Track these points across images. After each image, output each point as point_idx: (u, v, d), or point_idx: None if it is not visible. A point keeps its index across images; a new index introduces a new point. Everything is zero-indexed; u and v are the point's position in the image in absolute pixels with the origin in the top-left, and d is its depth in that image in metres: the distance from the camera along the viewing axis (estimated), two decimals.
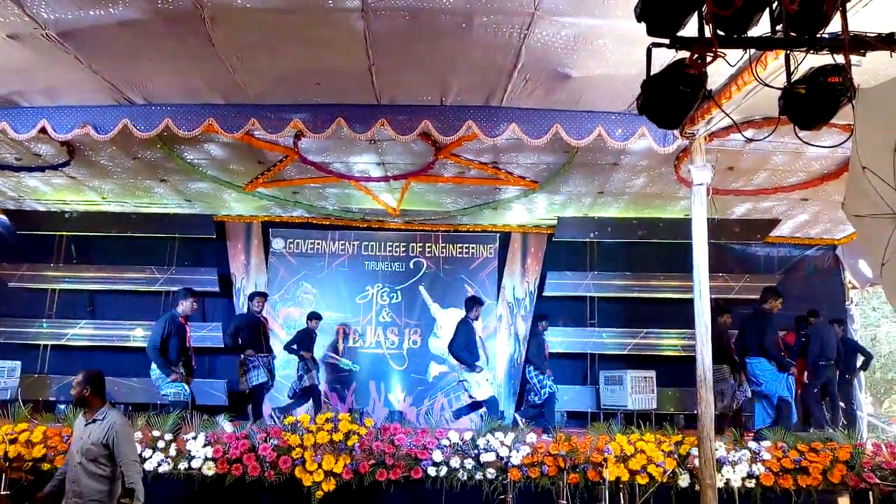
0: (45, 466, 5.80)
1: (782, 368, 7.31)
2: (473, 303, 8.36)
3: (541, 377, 8.61)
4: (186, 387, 7.01)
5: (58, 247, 10.47)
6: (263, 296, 8.77)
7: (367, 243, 10.53)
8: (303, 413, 7.19)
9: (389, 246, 10.55)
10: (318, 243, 10.50)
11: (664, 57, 3.06)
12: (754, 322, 7.68)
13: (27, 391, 9.05)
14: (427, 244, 10.53)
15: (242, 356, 8.01)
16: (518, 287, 10.46)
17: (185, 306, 7.34)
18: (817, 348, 8.61)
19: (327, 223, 10.53)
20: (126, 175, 8.45)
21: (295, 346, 8.86)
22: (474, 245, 10.53)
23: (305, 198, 9.54)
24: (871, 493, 5.90)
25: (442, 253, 10.50)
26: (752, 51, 3.20)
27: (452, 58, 5.33)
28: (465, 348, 7.99)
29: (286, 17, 4.75)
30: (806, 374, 8.67)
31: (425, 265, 10.45)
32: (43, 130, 6.22)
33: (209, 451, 5.89)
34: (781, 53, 3.45)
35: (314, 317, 9.25)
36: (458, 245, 10.55)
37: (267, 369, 8.09)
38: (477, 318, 8.42)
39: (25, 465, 5.77)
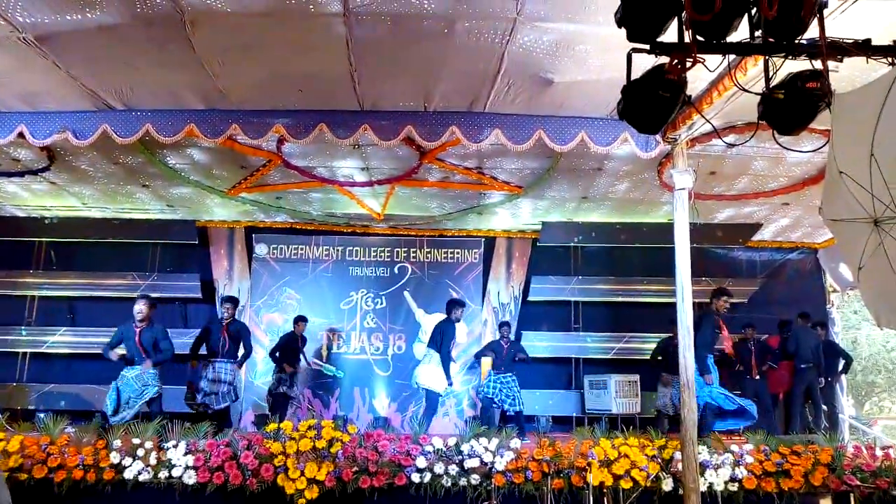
0: (22, 476, 5.70)
1: (702, 373, 6.75)
2: (455, 305, 8.24)
3: (504, 382, 8.09)
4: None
5: (37, 253, 10.36)
6: (232, 301, 8.18)
7: (351, 248, 10.50)
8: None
9: (374, 251, 10.53)
10: (302, 248, 10.45)
11: (645, 63, 3.07)
12: (695, 320, 7.51)
13: (5, 400, 8.93)
14: (412, 249, 10.52)
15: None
16: (503, 292, 10.46)
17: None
18: (793, 351, 8.69)
19: (311, 228, 10.49)
20: (107, 180, 8.37)
21: (278, 355, 8.74)
22: (459, 250, 10.54)
23: (289, 203, 9.50)
24: (851, 495, 5.93)
25: (427, 258, 10.49)
26: (732, 56, 3.22)
27: (435, 63, 5.31)
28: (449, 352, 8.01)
29: (267, 21, 4.71)
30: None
31: (410, 270, 10.43)
32: (21, 136, 6.14)
33: (190, 460, 5.82)
34: (760, 59, 3.48)
35: (300, 319, 9.04)
36: (443, 250, 10.54)
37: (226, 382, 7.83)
38: (459, 321, 8.32)
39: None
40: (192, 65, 5.28)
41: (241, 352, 7.86)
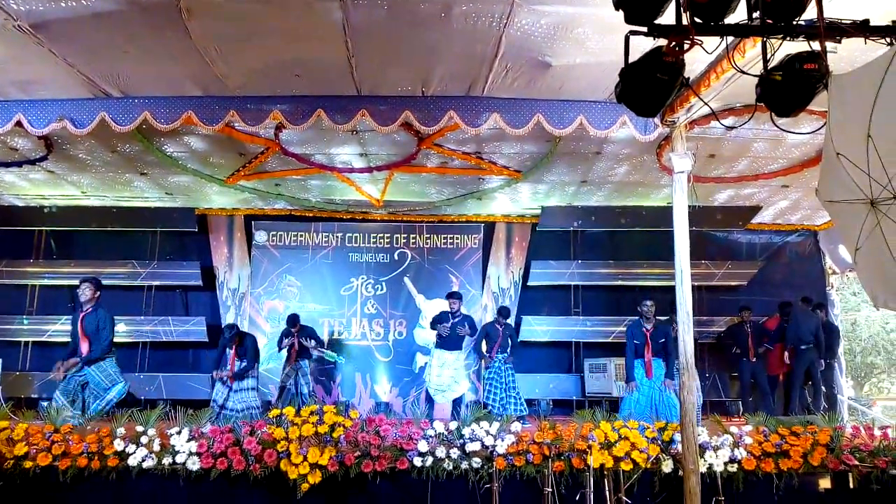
0: (27, 464, 5.74)
1: None
2: (449, 297, 8.32)
3: (498, 374, 8.10)
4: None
5: (37, 242, 10.37)
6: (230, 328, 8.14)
7: (351, 235, 10.50)
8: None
9: (374, 237, 10.53)
10: (302, 235, 10.46)
11: (643, 45, 3.06)
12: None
13: (8, 389, 8.94)
14: (411, 235, 10.52)
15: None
16: (503, 277, 10.48)
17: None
18: (793, 332, 8.73)
19: (310, 215, 10.50)
20: (105, 169, 8.36)
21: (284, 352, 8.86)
22: (459, 235, 10.54)
23: (288, 190, 9.50)
24: (850, 474, 5.98)
25: (426, 244, 10.50)
26: (730, 38, 3.21)
27: (432, 48, 5.29)
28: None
29: (264, 7, 4.69)
30: (787, 356, 8.78)
31: (410, 256, 10.45)
32: (19, 125, 6.12)
33: (193, 446, 5.86)
34: (758, 41, 3.46)
35: (288, 322, 8.87)
36: (443, 236, 10.55)
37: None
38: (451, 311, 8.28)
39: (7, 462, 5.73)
40: (189, 52, 5.26)
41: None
